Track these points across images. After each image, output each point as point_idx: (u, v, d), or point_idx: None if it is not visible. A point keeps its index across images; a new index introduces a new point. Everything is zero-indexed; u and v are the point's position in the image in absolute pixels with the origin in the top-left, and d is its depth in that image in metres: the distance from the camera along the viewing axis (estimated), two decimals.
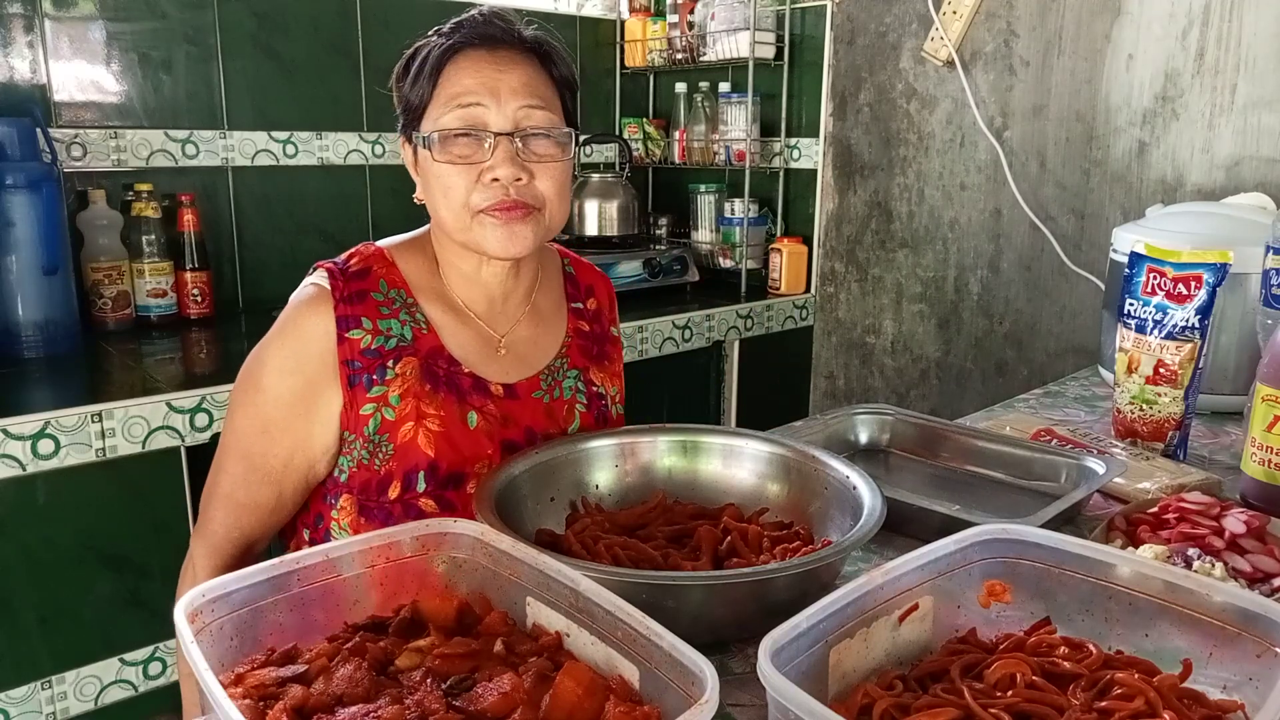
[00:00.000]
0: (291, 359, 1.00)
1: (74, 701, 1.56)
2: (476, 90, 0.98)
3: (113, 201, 2.03)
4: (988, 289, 2.26)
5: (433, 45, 1.01)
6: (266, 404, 1.00)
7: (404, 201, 1.10)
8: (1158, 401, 1.27)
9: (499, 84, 0.99)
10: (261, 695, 0.60)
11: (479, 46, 1.00)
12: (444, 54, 1.00)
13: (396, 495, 1.00)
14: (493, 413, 1.05)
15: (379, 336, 1.00)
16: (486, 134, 0.98)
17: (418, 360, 1.02)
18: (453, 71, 1.00)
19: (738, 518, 0.99)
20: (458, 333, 1.07)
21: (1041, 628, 0.73)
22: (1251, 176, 1.79)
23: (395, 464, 1.00)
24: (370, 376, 0.99)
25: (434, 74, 1.00)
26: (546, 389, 1.11)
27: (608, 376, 1.19)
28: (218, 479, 1.03)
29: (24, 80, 1.93)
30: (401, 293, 1.04)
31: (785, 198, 2.67)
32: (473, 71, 0.99)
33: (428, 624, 0.71)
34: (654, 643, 0.60)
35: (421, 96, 1.01)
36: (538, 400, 1.09)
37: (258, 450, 1.00)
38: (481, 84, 0.99)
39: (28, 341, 1.78)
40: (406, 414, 1.00)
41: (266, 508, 1.02)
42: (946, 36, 2.20)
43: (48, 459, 1.47)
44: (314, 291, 1.02)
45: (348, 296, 1.01)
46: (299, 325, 1.00)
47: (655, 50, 2.80)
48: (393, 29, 2.41)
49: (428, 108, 1.00)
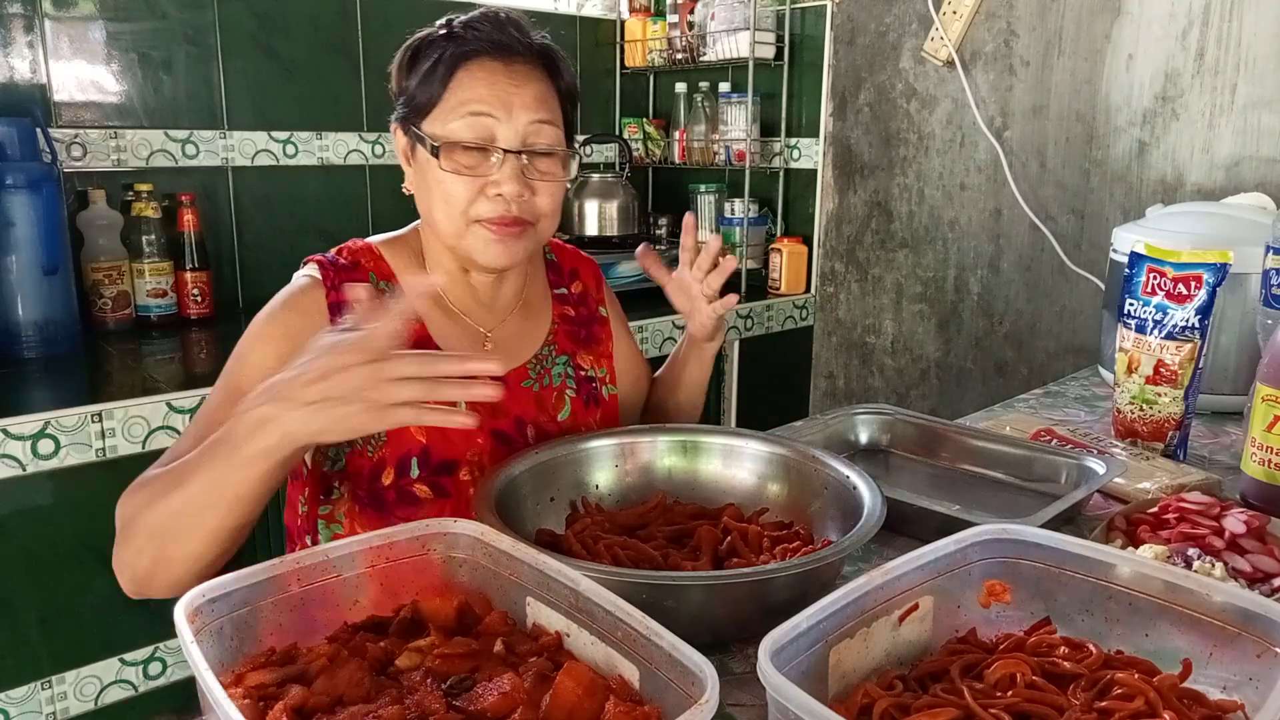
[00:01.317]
0: (280, 329, 0.98)
1: (74, 701, 1.56)
2: (489, 101, 0.98)
3: (113, 201, 2.03)
4: (988, 289, 2.26)
5: (445, 45, 1.00)
6: (244, 371, 0.96)
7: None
8: (1158, 401, 1.27)
9: (512, 98, 0.99)
10: (261, 695, 0.60)
11: (494, 55, 1.00)
12: (457, 58, 0.99)
13: (391, 481, 1.01)
14: (481, 403, 1.05)
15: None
16: (496, 149, 0.99)
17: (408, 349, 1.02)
18: (465, 77, 0.99)
19: (738, 518, 0.99)
20: (444, 329, 1.07)
21: (1041, 628, 0.73)
22: (1251, 176, 1.79)
23: (388, 450, 1.01)
24: None
25: (446, 75, 0.99)
26: (535, 377, 1.12)
27: (597, 358, 1.20)
28: (176, 446, 0.94)
29: (24, 80, 1.93)
30: (391, 285, 1.06)
31: (785, 198, 2.67)
32: (487, 81, 0.99)
33: (428, 624, 0.71)
34: (654, 643, 0.60)
35: (431, 96, 1.00)
36: (527, 390, 1.11)
37: (220, 418, 0.86)
38: (495, 95, 0.98)
39: (28, 341, 1.78)
40: None
41: None
42: (946, 36, 2.20)
43: (48, 459, 1.47)
44: (307, 282, 1.03)
45: (339, 286, 1.02)
46: (291, 305, 1.01)
47: (655, 50, 2.80)
48: (393, 29, 2.39)
49: (435, 107, 1.00)
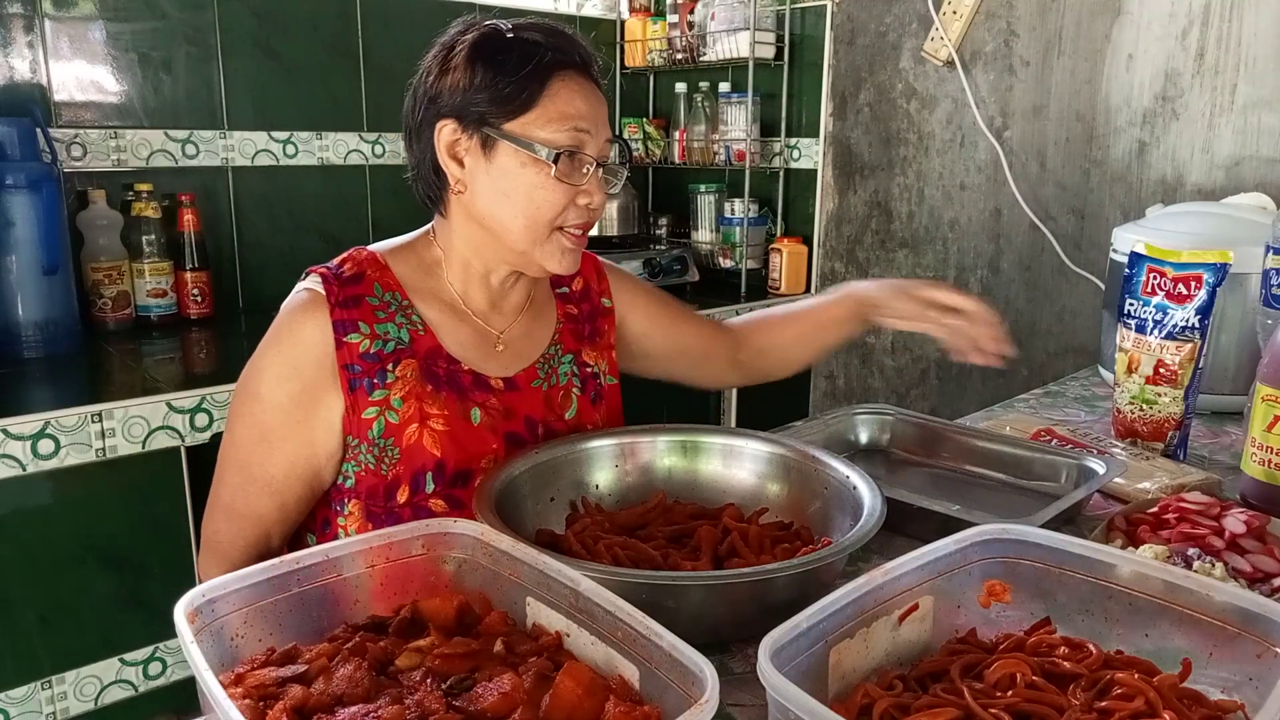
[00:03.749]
0: (288, 365, 0.99)
1: (74, 701, 1.56)
2: (587, 116, 0.99)
3: (113, 201, 2.03)
4: (988, 289, 2.26)
5: (532, 50, 0.98)
6: (264, 412, 0.99)
7: (404, 201, 1.10)
8: (1158, 401, 1.27)
9: (598, 114, 1.01)
10: (261, 695, 0.60)
11: (581, 70, 1.01)
12: (551, 66, 0.98)
13: (406, 499, 1.00)
14: (495, 407, 1.05)
15: (376, 340, 1.00)
16: (589, 160, 1.00)
17: (417, 361, 1.02)
18: (561, 89, 0.98)
19: (738, 518, 0.99)
20: (456, 331, 1.07)
21: (1041, 628, 0.73)
22: (1251, 176, 1.79)
23: (403, 467, 1.00)
24: (370, 380, 0.99)
25: (541, 82, 0.97)
26: (544, 377, 1.12)
27: (600, 352, 1.20)
28: (218, 490, 1.03)
29: (24, 80, 1.93)
30: (396, 295, 1.04)
31: (785, 198, 2.67)
32: (581, 96, 1.00)
33: (428, 624, 0.71)
34: (654, 643, 0.60)
35: (524, 99, 0.97)
36: (536, 389, 1.10)
37: (256, 460, 1.00)
38: (590, 110, 1.00)
39: (28, 341, 1.78)
40: (410, 416, 1.00)
41: (269, 519, 1.01)
42: (946, 36, 2.20)
43: (48, 459, 1.47)
44: (308, 296, 1.01)
45: (343, 301, 1.00)
46: (295, 331, 0.99)
47: (655, 50, 2.81)
48: (393, 29, 2.41)
49: (528, 111, 0.97)
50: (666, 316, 1.29)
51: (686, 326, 1.31)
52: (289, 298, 1.03)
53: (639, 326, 1.26)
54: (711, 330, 1.33)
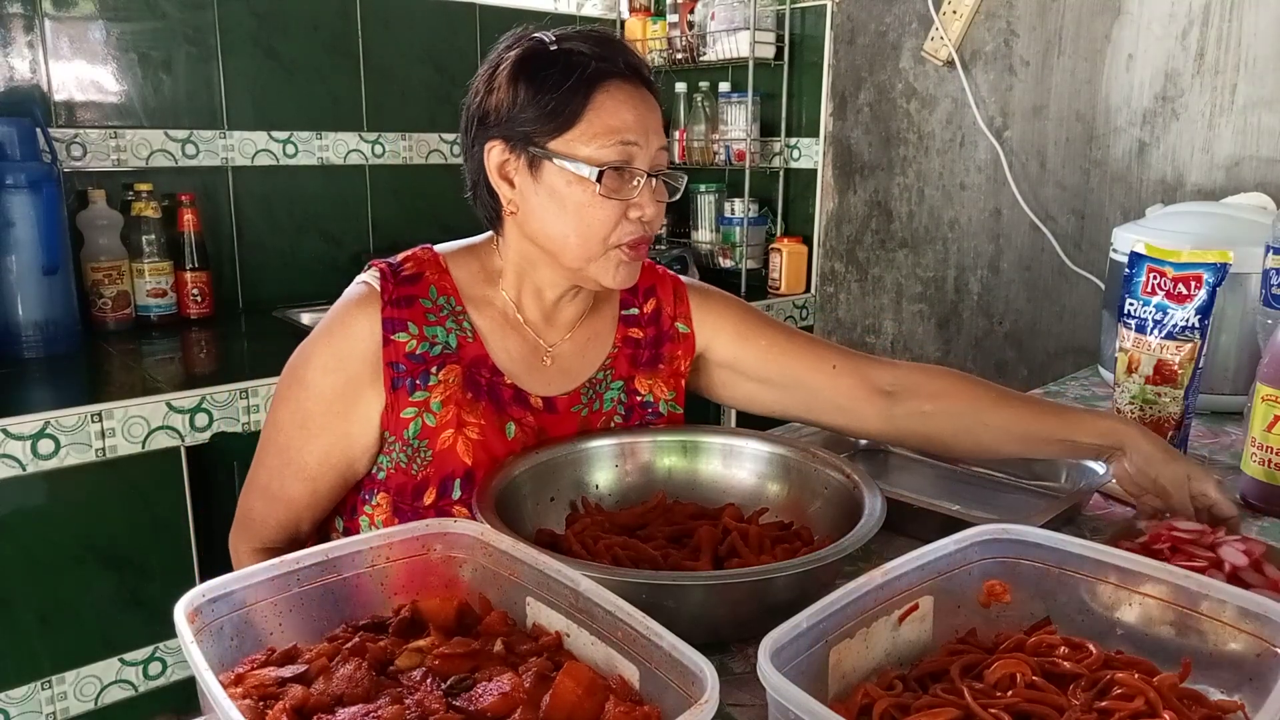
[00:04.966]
0: (335, 357, 1.00)
1: (74, 701, 1.56)
2: (635, 128, 0.97)
3: (113, 201, 2.03)
4: (988, 289, 2.26)
5: (575, 63, 0.96)
6: (308, 399, 1.00)
7: (404, 201, 1.10)
8: (1158, 401, 1.26)
9: (647, 124, 0.98)
10: (261, 695, 0.60)
11: (628, 78, 0.98)
12: (594, 78, 0.96)
13: (431, 501, 1.00)
14: (531, 424, 1.05)
15: (424, 343, 1.00)
16: (639, 173, 0.98)
17: (461, 368, 1.02)
18: (607, 100, 0.96)
19: (738, 518, 0.99)
20: (505, 340, 1.06)
21: (1041, 628, 0.73)
22: (1251, 176, 1.79)
23: (433, 470, 1.00)
24: (414, 380, 0.99)
25: (585, 97, 0.95)
26: (586, 403, 1.10)
27: (659, 380, 1.14)
28: (256, 471, 1.05)
29: (24, 80, 1.93)
30: (450, 300, 1.04)
31: (785, 198, 2.67)
32: (629, 106, 0.97)
33: (428, 624, 0.71)
34: (654, 643, 0.60)
35: (568, 116, 0.95)
36: (575, 414, 1.09)
37: (295, 445, 1.01)
38: (638, 121, 0.97)
39: (28, 341, 1.78)
40: (447, 421, 1.00)
41: (300, 503, 1.03)
42: (946, 36, 2.20)
43: (48, 459, 1.47)
44: (364, 290, 1.02)
45: (396, 300, 1.01)
46: (345, 324, 1.01)
47: (655, 50, 2.80)
48: (393, 29, 2.41)
49: (572, 128, 0.96)
50: (764, 339, 1.15)
51: (795, 355, 1.13)
52: (348, 288, 1.04)
53: (726, 350, 1.16)
54: (847, 368, 1.12)
